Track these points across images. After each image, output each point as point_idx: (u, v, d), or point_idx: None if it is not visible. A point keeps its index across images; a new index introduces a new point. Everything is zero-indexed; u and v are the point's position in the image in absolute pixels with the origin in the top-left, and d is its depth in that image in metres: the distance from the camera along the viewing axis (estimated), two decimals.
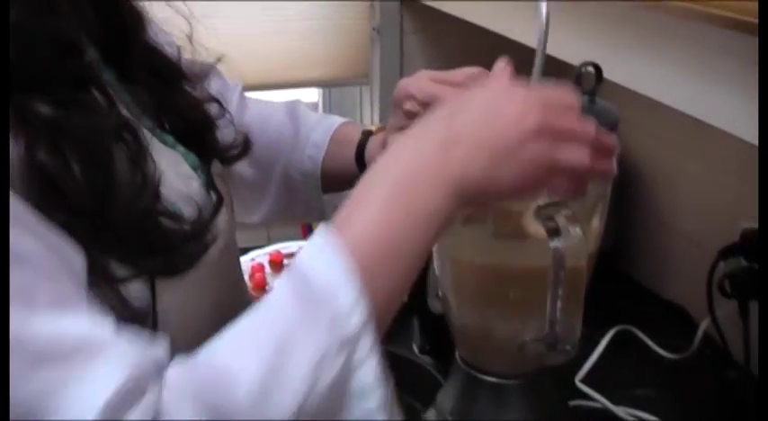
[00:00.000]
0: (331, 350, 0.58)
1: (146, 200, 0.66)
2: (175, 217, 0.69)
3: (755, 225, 1.18)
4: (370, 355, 0.59)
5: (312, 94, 2.10)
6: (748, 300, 1.18)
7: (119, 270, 0.63)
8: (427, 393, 1.07)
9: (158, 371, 0.56)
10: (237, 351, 0.58)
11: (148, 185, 0.67)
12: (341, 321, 0.58)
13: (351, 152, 0.99)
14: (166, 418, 0.54)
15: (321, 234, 0.61)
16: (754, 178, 1.23)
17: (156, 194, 0.68)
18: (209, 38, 0.87)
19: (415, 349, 1.27)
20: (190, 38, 0.86)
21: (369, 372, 0.59)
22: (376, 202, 0.62)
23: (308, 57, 1.85)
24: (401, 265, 0.62)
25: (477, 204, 0.67)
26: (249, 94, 1.09)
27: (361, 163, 0.98)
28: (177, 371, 0.57)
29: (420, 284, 1.16)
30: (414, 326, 1.28)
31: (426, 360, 1.21)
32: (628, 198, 1.52)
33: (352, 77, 1.92)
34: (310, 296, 0.59)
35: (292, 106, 1.07)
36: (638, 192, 1.52)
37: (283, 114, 1.06)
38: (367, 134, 0.99)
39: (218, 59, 0.92)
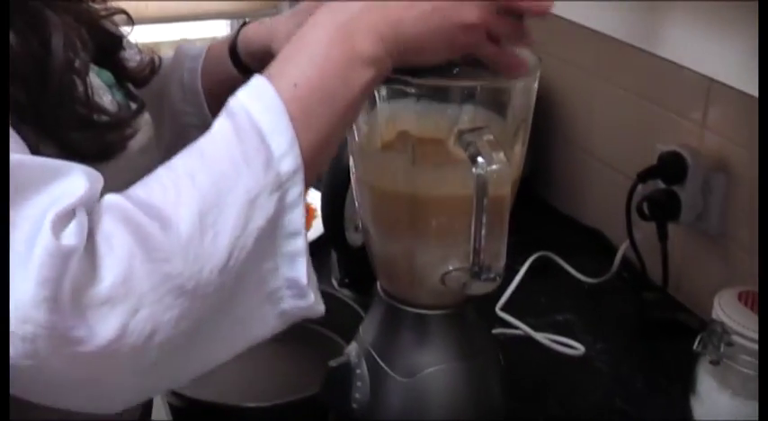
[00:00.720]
0: (265, 190, 0.61)
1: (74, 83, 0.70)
2: (98, 107, 0.74)
3: (672, 148, 1.18)
4: (299, 201, 0.63)
5: (221, 27, 2.06)
6: (666, 222, 1.19)
7: (47, 149, 0.65)
8: (348, 327, 1.05)
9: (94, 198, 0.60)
10: (174, 186, 0.61)
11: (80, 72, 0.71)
12: (275, 163, 0.62)
13: (227, 52, 1.02)
14: (99, 237, 0.57)
15: (259, 79, 0.65)
16: (669, 101, 1.23)
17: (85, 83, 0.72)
18: None
19: (334, 283, 1.25)
20: None
21: (297, 217, 0.63)
22: (311, 51, 0.66)
23: None
24: (335, 113, 0.66)
25: (408, 60, 0.70)
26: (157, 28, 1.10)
27: (237, 59, 1.01)
28: (114, 198, 0.60)
29: (337, 217, 1.14)
30: (332, 260, 1.26)
31: (346, 293, 1.20)
32: (544, 123, 1.51)
33: (260, 9, 1.88)
34: (247, 137, 0.62)
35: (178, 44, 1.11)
36: (554, 118, 1.51)
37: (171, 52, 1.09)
38: (241, 26, 1.02)
39: None
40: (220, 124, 0.64)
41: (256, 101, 0.64)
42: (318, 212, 1.43)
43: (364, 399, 0.87)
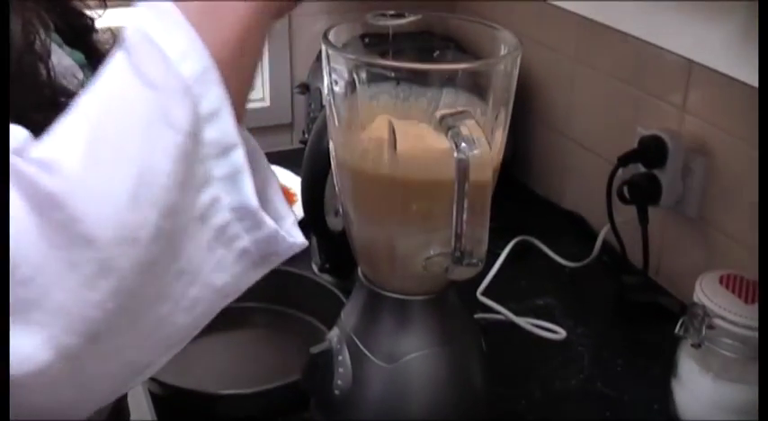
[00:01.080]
0: (169, 100, 0.52)
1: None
2: (63, 89, 0.68)
3: (653, 131, 1.18)
4: (221, 108, 0.54)
5: None
6: (646, 206, 1.19)
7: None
8: (329, 313, 1.04)
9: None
10: (61, 128, 0.53)
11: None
12: (174, 67, 0.53)
13: None
14: None
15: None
16: (649, 85, 1.23)
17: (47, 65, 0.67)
18: None
19: (315, 268, 1.25)
20: None
21: (226, 127, 0.54)
22: None
23: None
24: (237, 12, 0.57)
25: None
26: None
27: None
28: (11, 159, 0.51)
29: (317, 202, 1.13)
30: (312, 245, 1.25)
31: (327, 278, 1.19)
32: (523, 108, 1.51)
33: None
34: (136, 48, 0.54)
35: None
36: (534, 102, 1.50)
37: None
38: None
39: None
40: (113, 56, 0.55)
41: (147, 14, 0.55)
42: (298, 197, 1.43)
43: (346, 386, 0.87)
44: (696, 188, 1.16)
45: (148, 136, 0.52)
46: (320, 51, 0.79)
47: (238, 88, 0.56)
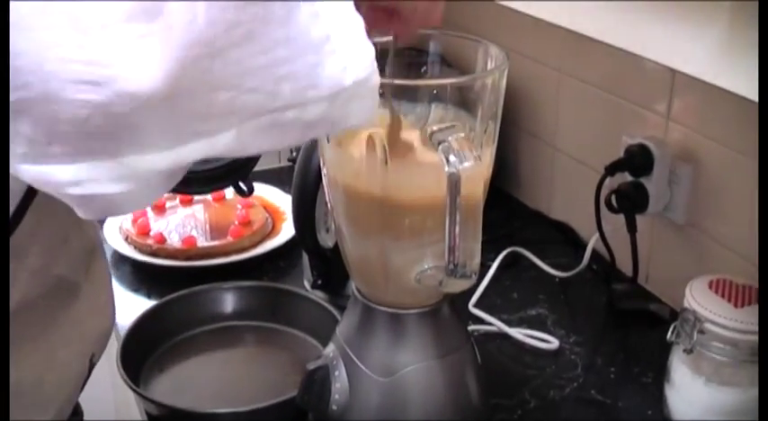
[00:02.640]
0: None
1: None
2: None
3: (639, 140, 1.19)
4: None
5: None
6: (634, 214, 1.20)
7: None
8: (323, 329, 1.05)
9: None
10: None
11: None
12: None
13: None
14: None
15: None
16: (634, 94, 1.24)
17: None
18: None
19: (307, 285, 1.25)
20: None
21: None
22: None
23: None
24: None
25: None
26: None
27: None
28: None
29: (308, 219, 1.14)
30: (303, 263, 1.26)
31: (319, 295, 1.20)
32: (510, 120, 1.52)
33: None
34: None
35: None
36: (520, 114, 1.51)
37: None
38: None
39: None
40: None
41: None
42: (288, 215, 1.43)
43: (343, 401, 0.87)
44: (683, 195, 1.17)
45: None
46: None
47: None
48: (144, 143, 0.50)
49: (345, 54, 0.55)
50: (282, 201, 1.48)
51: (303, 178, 1.08)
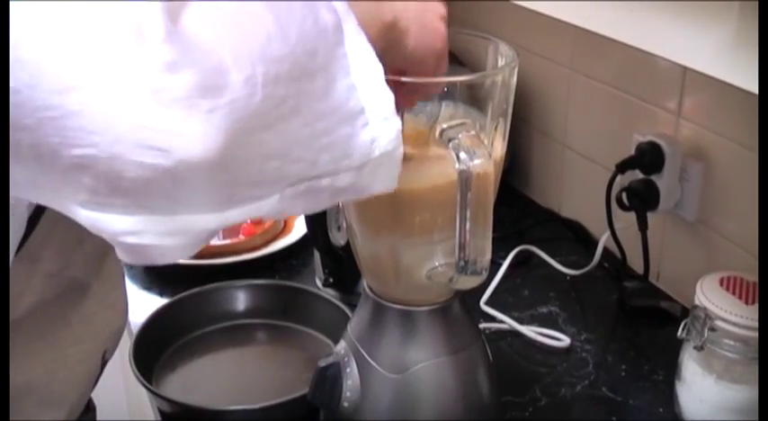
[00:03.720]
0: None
1: None
2: None
3: (649, 138, 1.19)
4: (358, 34, 0.59)
5: None
6: (645, 212, 1.20)
7: None
8: (334, 327, 1.06)
9: None
10: None
11: None
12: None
13: None
14: None
15: None
16: (645, 92, 1.24)
17: None
18: None
19: (319, 283, 1.26)
20: None
21: (361, 45, 0.59)
22: None
23: None
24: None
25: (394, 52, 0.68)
26: None
27: None
28: None
29: (319, 217, 1.14)
30: (315, 261, 1.26)
31: (331, 293, 1.20)
32: (521, 117, 1.52)
33: None
34: None
35: None
36: (531, 112, 1.52)
37: None
38: None
39: None
40: None
41: None
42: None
43: (354, 398, 0.88)
44: (694, 192, 1.17)
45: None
46: None
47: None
48: (198, 204, 0.54)
49: (376, 127, 0.59)
50: None
51: None
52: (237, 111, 0.51)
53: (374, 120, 0.59)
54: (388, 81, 0.60)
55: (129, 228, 0.53)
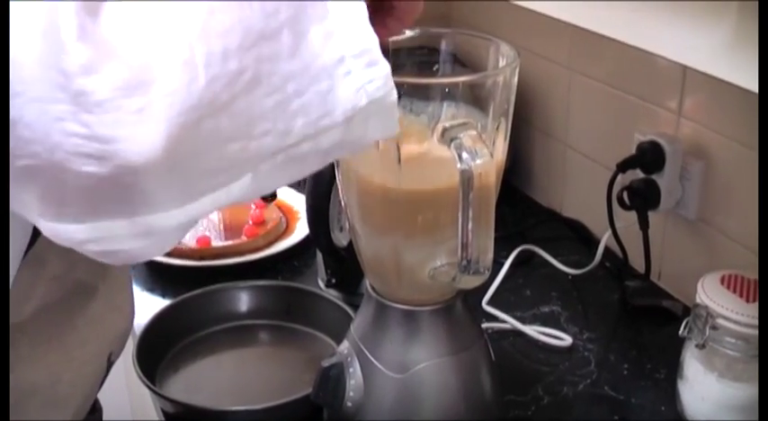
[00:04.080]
0: None
1: None
2: None
3: (650, 137, 1.19)
4: None
5: None
6: (646, 211, 1.21)
7: None
8: (337, 327, 1.06)
9: None
10: None
11: None
12: None
13: None
14: None
15: None
16: (645, 91, 1.24)
17: None
18: None
19: (321, 284, 1.26)
20: None
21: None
22: None
23: None
24: None
25: None
26: None
27: None
28: None
29: (322, 218, 1.14)
30: (318, 262, 1.27)
31: (333, 293, 1.20)
32: (522, 118, 1.52)
33: None
34: None
35: None
36: (532, 112, 1.52)
37: None
38: None
39: None
40: None
41: None
42: (302, 214, 1.44)
43: (357, 397, 0.88)
44: (695, 191, 1.18)
45: None
46: None
47: None
48: (155, 203, 0.50)
49: (360, 74, 0.53)
50: (296, 200, 1.49)
51: (316, 177, 1.09)
52: (176, 104, 0.47)
53: (357, 66, 0.53)
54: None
55: (87, 236, 0.51)
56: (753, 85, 0.68)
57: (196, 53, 0.47)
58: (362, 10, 0.53)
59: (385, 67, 0.54)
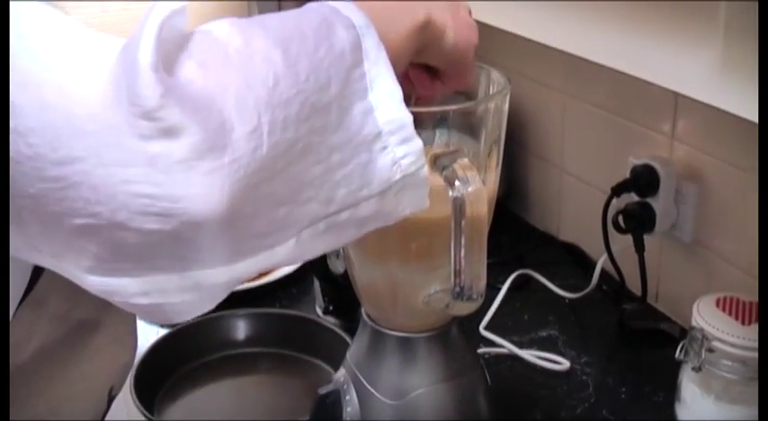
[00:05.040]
0: (335, 19, 0.56)
1: None
2: None
3: (644, 161, 1.20)
4: (377, 50, 0.57)
5: None
6: (642, 234, 1.21)
7: None
8: (335, 354, 1.06)
9: None
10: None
11: None
12: (348, 18, 0.57)
13: None
14: None
15: None
16: (638, 116, 1.25)
17: None
18: None
19: (319, 311, 1.26)
20: None
21: (379, 63, 0.57)
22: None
23: None
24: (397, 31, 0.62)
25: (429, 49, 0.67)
26: None
27: None
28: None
29: None
30: (315, 289, 1.27)
31: (331, 320, 1.20)
32: (517, 143, 1.53)
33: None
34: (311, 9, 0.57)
35: None
36: (527, 137, 1.53)
37: None
38: None
39: None
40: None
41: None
42: None
43: None
44: (689, 214, 1.18)
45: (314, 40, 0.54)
46: None
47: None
48: (206, 259, 0.52)
49: (395, 149, 0.58)
50: None
51: None
52: (242, 169, 0.49)
53: (393, 142, 0.58)
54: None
55: (138, 290, 0.52)
56: (740, 109, 0.69)
57: (263, 122, 0.50)
58: (398, 90, 0.57)
59: (418, 143, 0.59)
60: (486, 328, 1.22)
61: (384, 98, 0.57)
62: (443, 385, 0.87)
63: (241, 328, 1.20)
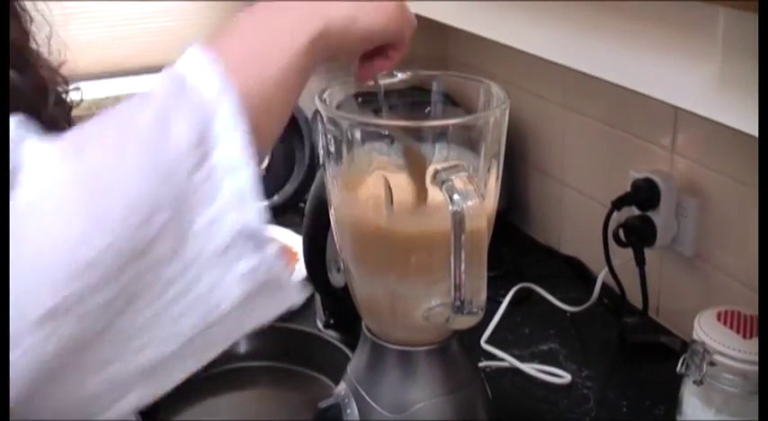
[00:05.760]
0: (179, 110, 0.51)
1: None
2: None
3: (645, 174, 1.20)
4: (234, 129, 0.51)
5: None
6: (642, 247, 1.21)
7: None
8: (335, 368, 1.06)
9: None
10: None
11: None
12: (188, 89, 0.52)
13: None
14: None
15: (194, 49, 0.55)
16: (639, 129, 1.25)
17: None
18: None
19: (320, 324, 1.26)
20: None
21: (232, 148, 0.50)
22: (244, 28, 0.59)
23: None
24: (272, 67, 0.58)
25: (339, 48, 0.65)
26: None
27: None
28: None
29: (319, 259, 1.15)
30: (316, 303, 1.27)
31: (332, 334, 1.20)
32: (518, 157, 1.53)
33: None
34: (165, 82, 0.53)
35: None
36: (528, 151, 1.53)
37: None
38: None
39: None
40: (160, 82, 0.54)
41: (183, 63, 0.55)
42: (300, 255, 1.44)
43: None
44: (690, 227, 1.18)
45: (156, 130, 0.50)
46: (315, 111, 0.82)
47: (267, 123, 0.56)
48: None
49: (251, 257, 0.51)
50: (295, 241, 1.49)
51: (314, 219, 1.10)
52: (33, 360, 0.45)
53: (246, 250, 0.51)
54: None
55: None
56: (738, 122, 0.69)
57: (57, 304, 0.45)
58: (253, 180, 0.51)
59: (274, 245, 0.52)
60: (487, 342, 1.22)
61: (234, 196, 0.50)
62: (444, 399, 0.87)
63: (241, 343, 1.20)
